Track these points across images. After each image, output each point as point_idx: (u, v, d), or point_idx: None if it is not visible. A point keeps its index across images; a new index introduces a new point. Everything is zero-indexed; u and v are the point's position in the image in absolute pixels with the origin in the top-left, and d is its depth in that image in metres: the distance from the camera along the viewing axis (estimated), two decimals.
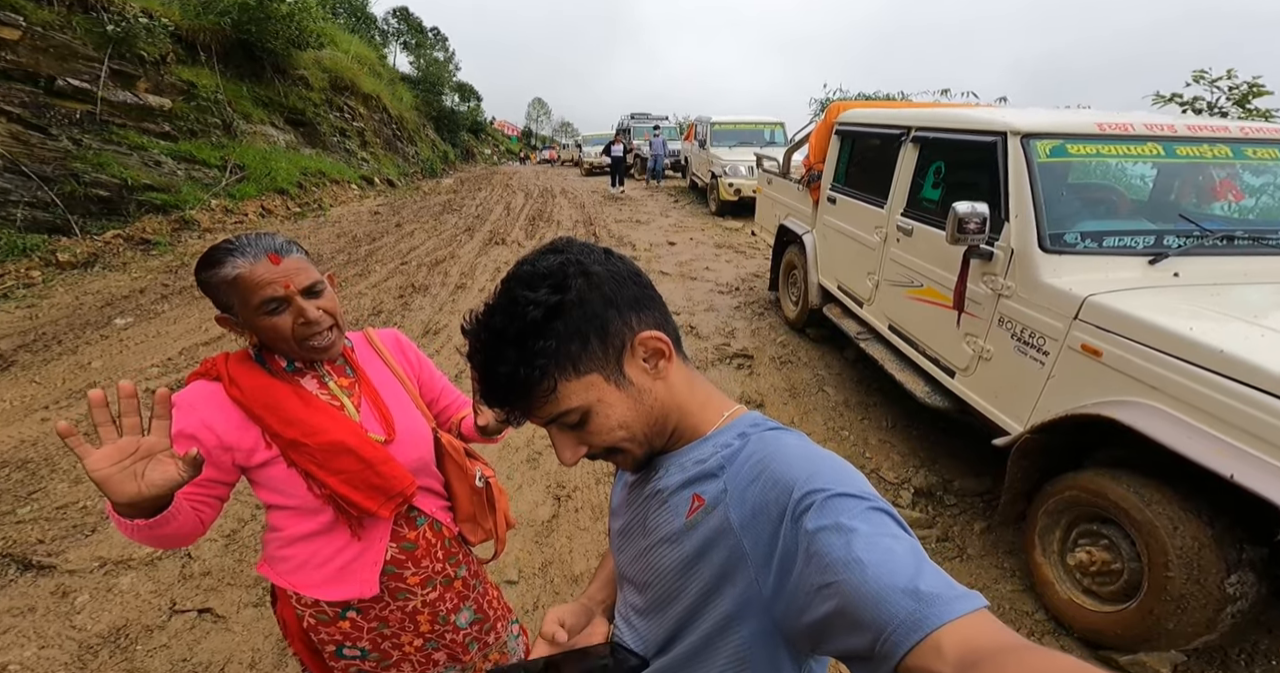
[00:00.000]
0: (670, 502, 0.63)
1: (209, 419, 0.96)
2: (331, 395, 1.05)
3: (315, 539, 1.03)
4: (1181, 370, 1.76)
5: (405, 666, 1.16)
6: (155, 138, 8.51)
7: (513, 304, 0.56)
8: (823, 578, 0.46)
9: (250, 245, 0.92)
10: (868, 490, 0.51)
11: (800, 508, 0.50)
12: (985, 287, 2.51)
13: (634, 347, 0.59)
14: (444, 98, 29.47)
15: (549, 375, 0.56)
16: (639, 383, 0.60)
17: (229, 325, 0.97)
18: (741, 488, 0.56)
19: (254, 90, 11.82)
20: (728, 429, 0.64)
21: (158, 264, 6.51)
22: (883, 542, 0.45)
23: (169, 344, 4.40)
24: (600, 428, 0.59)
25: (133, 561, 2.24)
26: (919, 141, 3.10)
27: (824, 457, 0.55)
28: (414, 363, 1.21)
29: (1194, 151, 2.46)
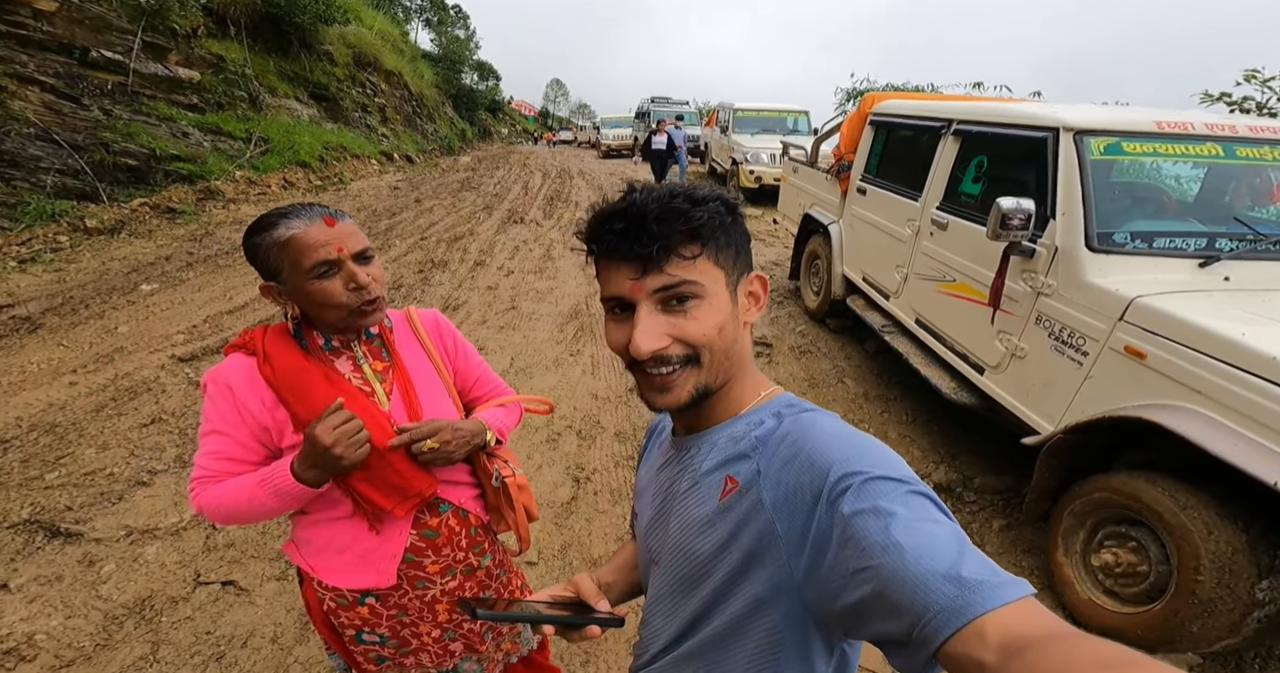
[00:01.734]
0: (702, 484, 0.62)
1: (245, 400, 0.95)
2: (364, 380, 1.03)
3: (336, 525, 1.03)
4: (1230, 376, 1.72)
5: (423, 655, 1.16)
6: (184, 109, 8.68)
7: (693, 188, 0.59)
8: (859, 562, 0.45)
9: (304, 210, 0.92)
10: (907, 474, 0.50)
11: (837, 491, 0.49)
12: (1024, 284, 2.45)
13: (749, 279, 0.63)
14: (463, 76, 29.50)
15: (703, 240, 0.57)
16: (737, 311, 0.61)
17: (272, 295, 0.95)
18: (776, 469, 0.55)
19: (280, 65, 12.01)
20: (763, 408, 0.63)
21: (183, 232, 6.58)
22: (922, 526, 0.44)
23: (194, 311, 4.44)
24: (706, 318, 0.58)
25: (158, 530, 2.28)
26: (961, 135, 3.01)
27: (861, 439, 0.54)
28: (451, 349, 1.18)
29: (1255, 153, 2.37)
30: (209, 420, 0.95)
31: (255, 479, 0.93)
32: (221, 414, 0.95)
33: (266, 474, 0.93)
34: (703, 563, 0.60)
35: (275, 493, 0.92)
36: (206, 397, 0.96)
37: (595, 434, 3.07)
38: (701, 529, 0.60)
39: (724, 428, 0.64)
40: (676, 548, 0.64)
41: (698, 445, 0.65)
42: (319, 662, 1.77)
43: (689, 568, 0.62)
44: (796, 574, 0.52)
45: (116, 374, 3.41)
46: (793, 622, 0.55)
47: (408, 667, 1.16)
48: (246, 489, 0.93)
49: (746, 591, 0.57)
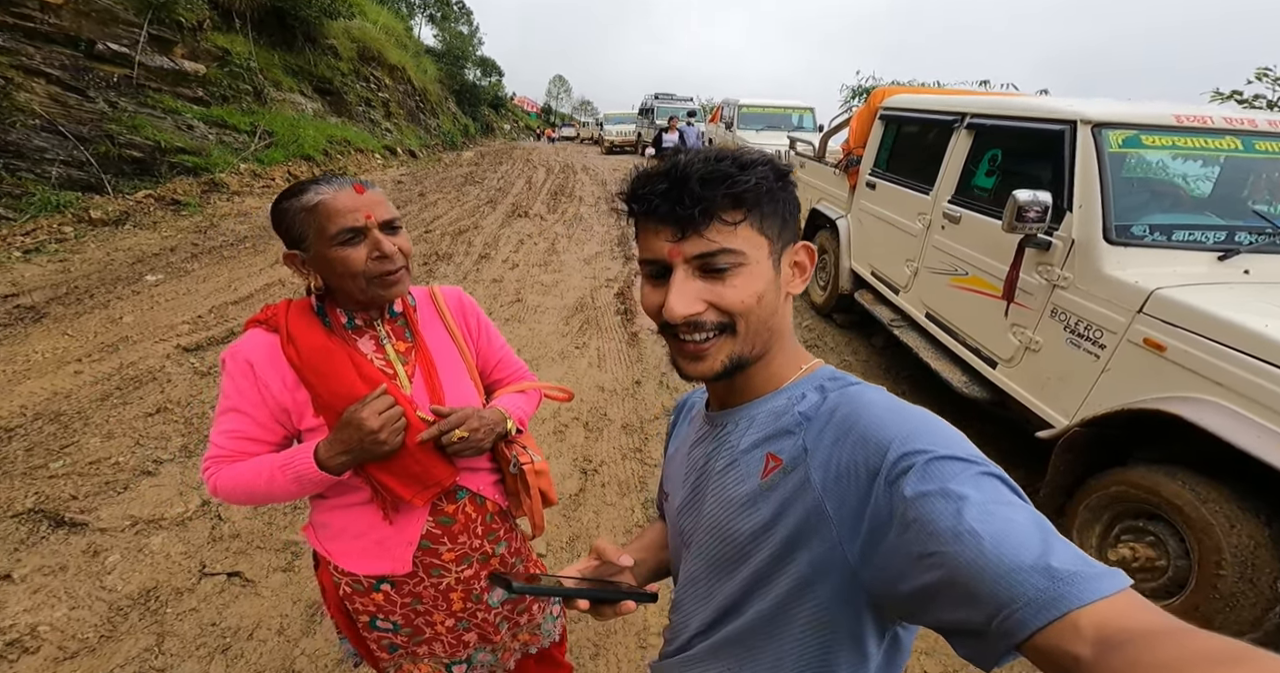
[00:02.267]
0: (741, 462, 0.59)
1: (266, 378, 0.92)
2: (387, 361, 1.00)
3: (353, 510, 1.01)
4: (1254, 368, 1.70)
5: (436, 644, 1.14)
6: (189, 102, 8.70)
7: (741, 153, 0.57)
8: (925, 547, 0.42)
9: (334, 179, 0.91)
10: (974, 452, 0.46)
11: (897, 470, 0.46)
12: (1039, 277, 2.42)
13: (795, 248, 0.60)
14: (466, 72, 29.56)
15: (747, 206, 0.55)
16: (781, 281, 0.59)
17: (295, 263, 0.93)
18: (826, 447, 0.52)
19: (285, 58, 12.06)
20: (804, 381, 0.60)
21: (187, 224, 6.56)
22: (1000, 511, 0.41)
23: (199, 302, 4.43)
24: (744, 286, 0.55)
25: (164, 520, 2.26)
26: (974, 128, 2.98)
27: (917, 413, 0.51)
28: (474, 329, 1.15)
29: (1274, 147, 2.33)
30: (228, 397, 0.93)
31: (276, 463, 0.91)
32: (241, 392, 0.92)
33: (288, 459, 0.91)
34: (743, 544, 0.58)
35: (296, 479, 0.90)
36: (225, 373, 0.94)
37: (602, 426, 3.04)
38: (741, 509, 0.58)
39: (763, 402, 0.61)
40: (713, 529, 0.61)
41: (734, 421, 0.62)
42: (325, 654, 1.75)
43: (727, 550, 0.60)
44: (851, 557, 0.50)
45: (121, 364, 3.40)
46: (844, 604, 0.52)
47: (420, 656, 1.15)
48: (265, 472, 0.91)
49: (791, 573, 0.54)
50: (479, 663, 1.20)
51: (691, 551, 0.66)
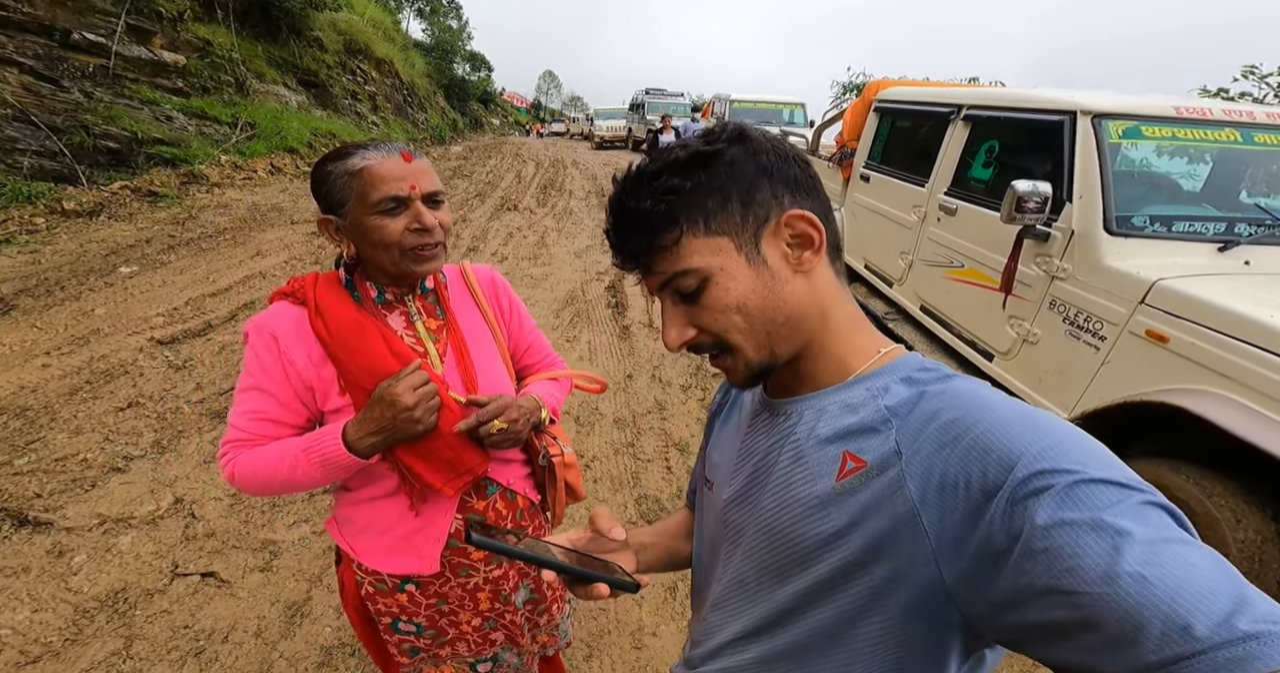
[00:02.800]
0: (810, 459, 0.52)
1: (291, 352, 0.87)
2: (417, 338, 0.95)
3: (378, 504, 0.96)
4: (1260, 359, 1.68)
5: (460, 645, 1.09)
6: (167, 93, 8.51)
7: (665, 150, 0.52)
8: (1056, 583, 0.36)
9: (382, 144, 0.87)
10: (1132, 476, 0.38)
11: (1026, 491, 0.38)
12: (1037, 269, 2.40)
13: (779, 224, 0.51)
14: (455, 66, 29.32)
15: (676, 221, 0.50)
16: (775, 267, 0.51)
17: (329, 229, 0.88)
18: (927, 452, 0.44)
19: (269, 50, 11.85)
20: (884, 371, 0.52)
21: (164, 216, 6.39)
22: (1171, 550, 0.34)
23: (175, 294, 4.29)
24: (716, 302, 0.51)
25: (134, 519, 2.16)
26: (971, 120, 2.95)
27: (1053, 422, 0.42)
28: (506, 310, 1.10)
29: (1273, 140, 2.32)
30: (250, 374, 0.87)
31: (300, 446, 0.85)
32: (265, 368, 0.87)
33: (312, 442, 0.85)
34: (808, 550, 0.51)
35: (322, 463, 0.84)
36: (249, 347, 0.88)
37: (594, 421, 2.98)
38: (809, 512, 0.51)
39: (834, 392, 0.53)
40: (771, 529, 0.54)
41: (799, 412, 0.55)
42: (305, 657, 1.67)
43: (786, 554, 0.53)
44: (948, 579, 0.43)
45: (92, 357, 3.27)
46: (923, 621, 0.46)
47: (443, 658, 1.10)
48: (289, 457, 0.84)
49: (863, 586, 0.48)
50: (505, 662, 1.16)
51: (740, 550, 0.59)
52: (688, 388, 3.38)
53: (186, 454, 2.55)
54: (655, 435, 2.88)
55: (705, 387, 3.40)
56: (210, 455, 2.55)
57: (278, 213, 7.03)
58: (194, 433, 2.70)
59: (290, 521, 2.22)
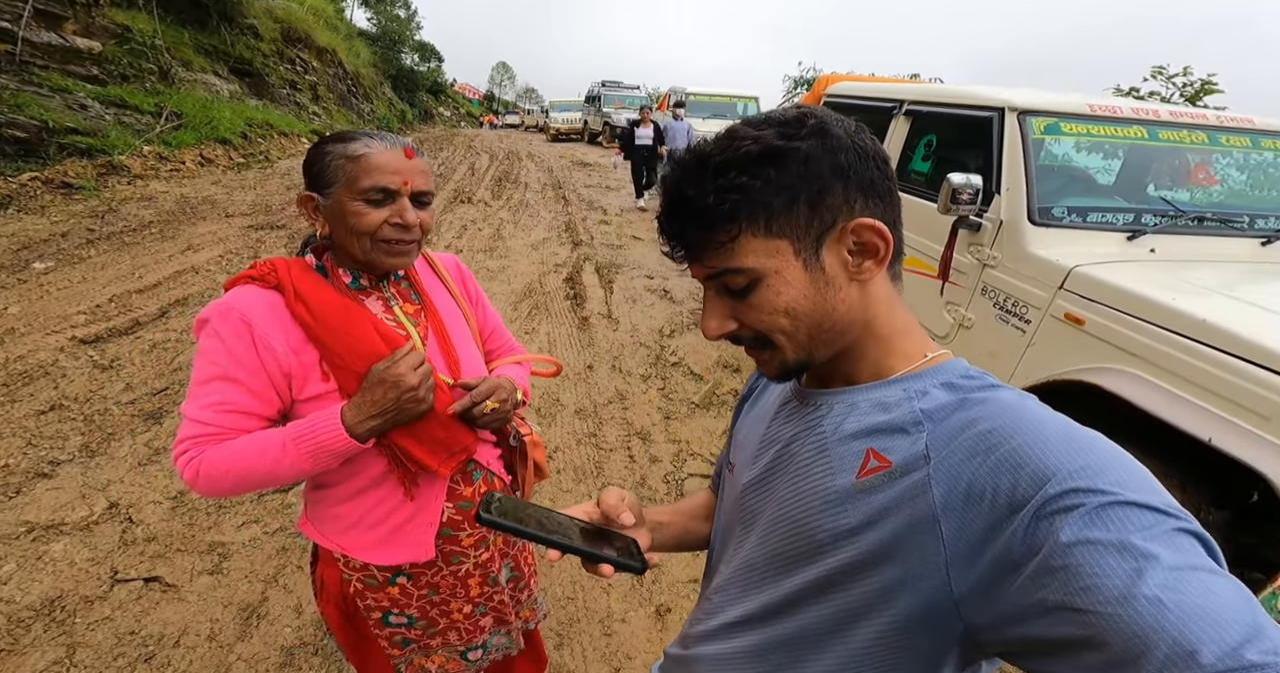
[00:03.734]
0: (834, 453, 0.51)
1: (268, 337, 0.82)
2: (397, 322, 0.94)
3: (366, 496, 0.93)
4: (1163, 339, 1.82)
5: (451, 634, 1.10)
6: (81, 81, 8.03)
7: (731, 137, 0.49)
8: (1069, 601, 0.35)
9: (388, 136, 0.87)
10: (1169, 500, 0.37)
11: (1055, 507, 0.37)
12: (971, 257, 2.55)
13: (845, 231, 0.49)
14: (403, 56, 28.37)
15: (736, 219, 0.47)
16: (831, 274, 0.49)
17: (308, 206, 0.87)
18: (957, 460, 0.43)
19: (196, 38, 11.33)
20: (926, 374, 0.50)
21: (81, 208, 5.94)
22: (1196, 578, 0.33)
23: (97, 290, 4.02)
24: (764, 304, 0.49)
25: (65, 525, 2.03)
26: (912, 115, 3.10)
27: (1095, 441, 0.41)
28: (473, 295, 1.11)
29: (1175, 136, 2.54)
30: (215, 364, 0.81)
31: (287, 436, 0.81)
32: (235, 356, 0.81)
33: (304, 429, 0.81)
34: (819, 544, 0.50)
35: (314, 453, 0.80)
36: (210, 335, 0.81)
37: (555, 412, 2.99)
38: (825, 506, 0.50)
39: (868, 390, 0.52)
40: (785, 519, 0.54)
41: (829, 404, 0.54)
42: (265, 658, 1.63)
43: (796, 544, 0.52)
44: (956, 589, 0.42)
45: (7, 358, 3.03)
46: (924, 628, 0.45)
47: (433, 648, 1.10)
48: (272, 449, 0.80)
49: (870, 586, 0.47)
50: (494, 647, 1.17)
51: (753, 535, 0.58)
52: (648, 378, 3.43)
53: (119, 458, 2.41)
54: (617, 425, 2.91)
55: (665, 377, 3.46)
56: (145, 458, 2.42)
57: (210, 206, 6.65)
58: (126, 435, 2.56)
59: (239, 522, 2.14)
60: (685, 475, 2.56)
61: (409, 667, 1.11)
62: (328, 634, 1.71)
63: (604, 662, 1.72)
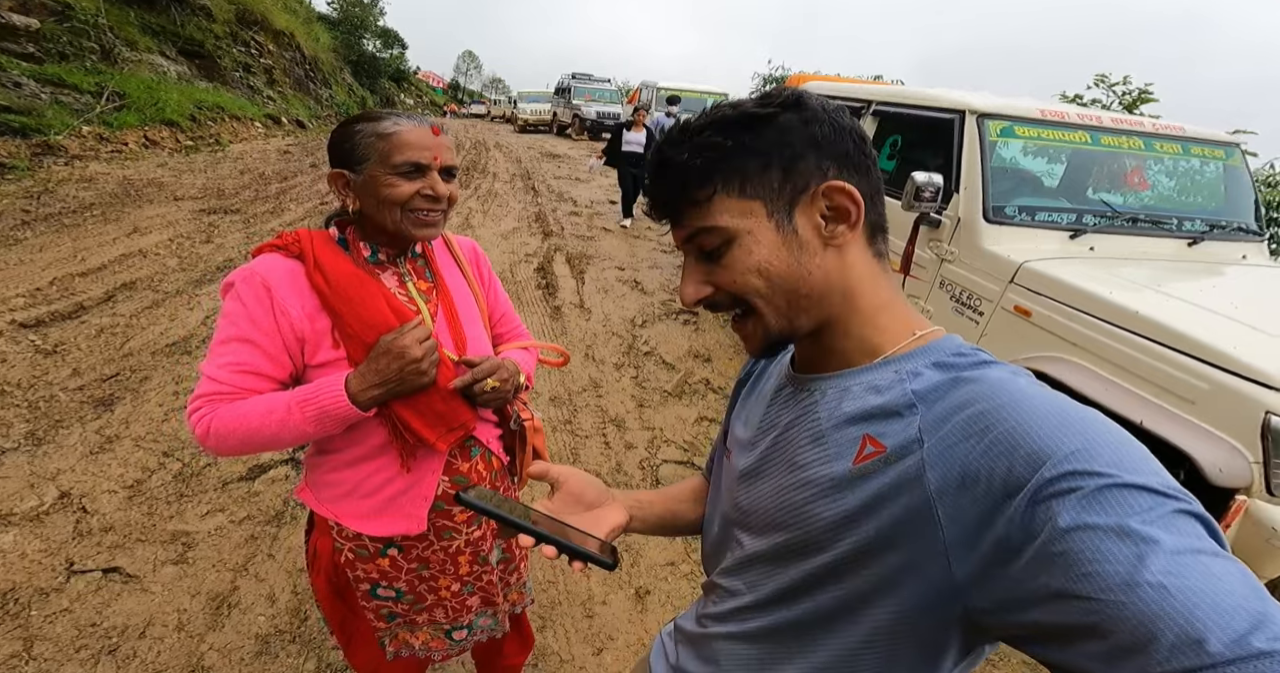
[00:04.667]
0: (829, 439, 0.51)
1: (285, 303, 0.86)
2: (409, 298, 0.97)
3: (365, 465, 0.96)
4: (1101, 329, 1.97)
5: (438, 610, 1.11)
6: (16, 59, 7.62)
7: (715, 108, 0.52)
8: (1071, 587, 0.35)
9: (414, 115, 0.92)
10: (1168, 481, 0.37)
11: (1051, 490, 0.37)
12: (930, 252, 2.68)
13: (816, 194, 0.50)
14: (365, 42, 27.48)
15: (712, 178, 0.50)
16: (805, 238, 0.50)
17: (339, 183, 0.91)
18: (950, 443, 0.43)
19: (144, 17, 10.79)
20: (917, 354, 0.50)
21: (14, 189, 5.58)
22: (1198, 561, 0.33)
23: (36, 273, 3.81)
24: (737, 263, 0.51)
25: (14, 516, 1.94)
26: (879, 115, 3.22)
27: (1090, 419, 0.40)
28: (486, 279, 1.14)
29: (1115, 141, 2.73)
30: (235, 325, 0.85)
31: (293, 399, 0.84)
32: (253, 319, 0.85)
33: (309, 394, 0.84)
34: (820, 531, 0.50)
35: (318, 417, 0.83)
36: (234, 298, 0.86)
37: (530, 399, 2.98)
38: (823, 493, 0.50)
39: (860, 373, 0.52)
40: (785, 507, 0.53)
41: (822, 389, 0.54)
42: (239, 647, 1.60)
43: (798, 532, 0.52)
44: (957, 574, 0.42)
45: None
46: (928, 614, 0.45)
47: (419, 624, 1.11)
48: (279, 411, 0.83)
49: (873, 573, 0.47)
50: (480, 628, 1.18)
51: (753, 522, 0.58)
52: (621, 366, 3.47)
53: (69, 446, 2.31)
54: (591, 412, 2.94)
55: (638, 364, 3.50)
56: (97, 446, 2.33)
57: (156, 188, 6.34)
58: (75, 422, 2.45)
59: (203, 511, 2.08)
60: (660, 462, 2.61)
61: (393, 641, 1.12)
62: (304, 622, 1.70)
63: (586, 643, 1.75)
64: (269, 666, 1.57)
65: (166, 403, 2.66)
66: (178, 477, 2.23)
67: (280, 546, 1.97)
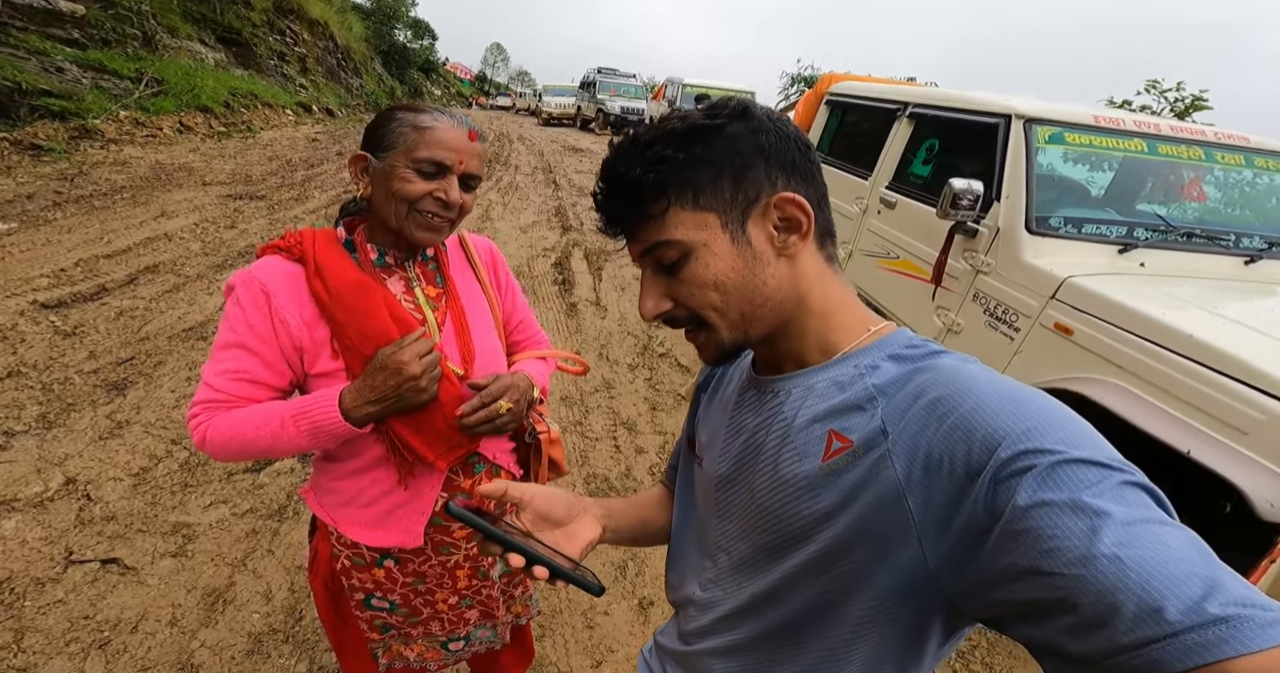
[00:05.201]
0: (797, 438, 0.51)
1: (284, 311, 0.83)
2: (416, 305, 0.92)
3: (363, 476, 0.93)
4: (1150, 352, 1.84)
5: (434, 624, 1.07)
6: (61, 44, 7.80)
7: (663, 119, 0.52)
8: (1035, 564, 0.36)
9: (458, 115, 0.88)
10: (1114, 455, 0.39)
11: (1008, 471, 0.38)
12: (965, 262, 2.55)
13: (768, 205, 0.51)
14: (397, 33, 27.88)
15: (665, 192, 0.50)
16: (758, 248, 0.51)
17: (358, 165, 0.87)
18: (913, 432, 0.44)
19: (185, 5, 11.05)
20: (873, 348, 0.51)
21: (50, 171, 5.70)
22: (1148, 531, 0.34)
23: (62, 254, 3.86)
24: (694, 277, 0.51)
25: (18, 501, 1.94)
26: (915, 117, 3.08)
27: (1037, 399, 0.42)
28: (503, 284, 1.08)
29: (1173, 151, 2.56)
30: (234, 331, 0.83)
31: (287, 412, 0.81)
32: (251, 325, 0.82)
33: (303, 407, 0.81)
34: (800, 530, 0.51)
35: (311, 431, 0.80)
36: (234, 302, 0.84)
37: None
38: (799, 493, 0.50)
39: (821, 370, 0.53)
40: (764, 511, 0.54)
41: (786, 390, 0.54)
42: (231, 644, 1.57)
43: (779, 534, 0.52)
44: (930, 559, 0.43)
45: None
46: (908, 602, 0.47)
47: (414, 637, 1.08)
48: (273, 423, 0.81)
49: (850, 566, 0.48)
50: (478, 639, 1.15)
51: (733, 528, 0.59)
52: (635, 367, 3.39)
53: (79, 430, 2.31)
54: (603, 414, 2.88)
55: (652, 366, 3.43)
56: (107, 431, 2.32)
57: (187, 173, 6.44)
58: (87, 406, 2.45)
59: (206, 502, 2.06)
60: None
61: (386, 653, 1.09)
62: (299, 621, 1.66)
63: (586, 654, 1.69)
64: (260, 665, 1.53)
65: (179, 389, 2.66)
66: (184, 466, 2.22)
67: (280, 541, 1.93)
